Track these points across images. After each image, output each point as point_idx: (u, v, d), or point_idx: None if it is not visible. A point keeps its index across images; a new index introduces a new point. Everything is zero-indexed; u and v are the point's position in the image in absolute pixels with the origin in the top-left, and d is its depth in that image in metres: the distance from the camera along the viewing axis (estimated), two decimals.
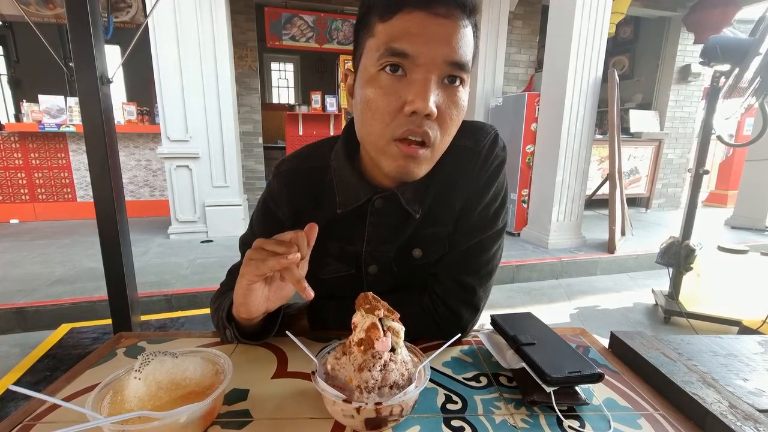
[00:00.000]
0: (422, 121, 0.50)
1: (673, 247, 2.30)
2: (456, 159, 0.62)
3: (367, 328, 0.44)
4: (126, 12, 4.02)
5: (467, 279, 0.63)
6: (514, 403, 0.49)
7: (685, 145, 5.30)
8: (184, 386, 0.44)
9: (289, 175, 0.67)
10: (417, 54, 0.49)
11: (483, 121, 0.65)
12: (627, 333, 0.62)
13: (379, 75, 0.51)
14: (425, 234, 0.63)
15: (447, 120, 0.52)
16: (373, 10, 0.51)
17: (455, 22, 0.49)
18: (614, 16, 3.69)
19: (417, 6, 0.49)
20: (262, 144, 4.76)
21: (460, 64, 0.50)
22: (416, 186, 0.61)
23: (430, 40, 0.49)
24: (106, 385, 0.43)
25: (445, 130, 0.53)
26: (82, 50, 1.14)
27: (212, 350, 0.50)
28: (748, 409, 0.45)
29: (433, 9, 0.48)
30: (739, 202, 4.32)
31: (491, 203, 0.63)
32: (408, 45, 0.49)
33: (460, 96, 0.52)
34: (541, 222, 3.44)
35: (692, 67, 4.92)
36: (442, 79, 0.50)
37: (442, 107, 0.51)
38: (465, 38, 0.50)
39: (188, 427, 0.41)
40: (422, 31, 0.49)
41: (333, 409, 0.44)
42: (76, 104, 3.86)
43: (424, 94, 0.48)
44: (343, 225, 0.64)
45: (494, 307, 2.55)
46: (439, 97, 0.50)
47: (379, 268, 0.65)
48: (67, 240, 3.48)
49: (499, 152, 0.63)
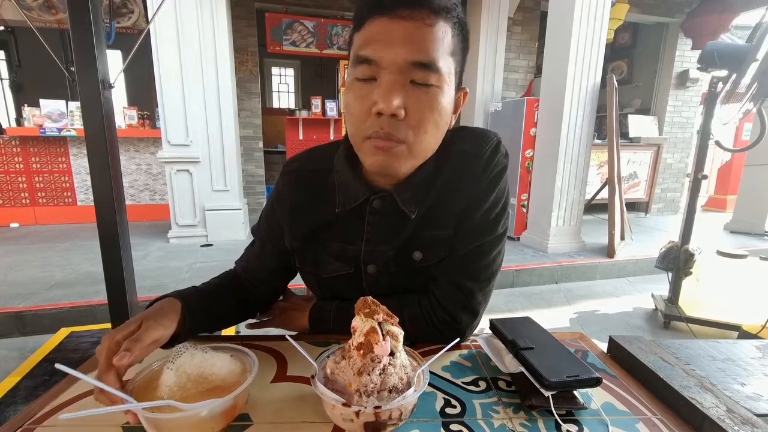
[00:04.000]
0: (388, 122, 0.52)
1: (672, 251, 2.30)
2: (458, 164, 0.63)
3: (367, 332, 0.44)
4: (128, 17, 4.04)
5: (466, 283, 0.63)
6: (513, 408, 0.49)
7: (684, 150, 5.32)
8: (211, 381, 0.45)
9: (294, 175, 0.69)
10: (379, 58, 0.51)
11: (484, 127, 0.66)
12: (625, 337, 0.63)
13: (354, 83, 0.54)
14: (426, 237, 0.64)
15: (419, 120, 0.53)
16: (353, 23, 0.55)
17: (419, 23, 0.50)
18: (612, 22, 3.71)
19: (380, 12, 0.50)
20: (262, 148, 4.77)
21: (424, 64, 0.50)
22: (414, 188, 0.61)
23: (392, 43, 0.50)
24: (143, 371, 0.47)
25: (418, 130, 0.54)
26: (83, 55, 1.14)
27: (243, 348, 0.51)
28: (746, 413, 0.45)
29: (396, 13, 0.50)
30: (738, 206, 4.32)
31: (492, 208, 0.63)
32: (371, 51, 0.51)
33: (434, 96, 0.53)
34: (541, 226, 3.45)
35: (690, 72, 4.94)
36: (408, 80, 0.51)
37: (411, 108, 0.52)
38: (432, 38, 0.50)
39: (210, 421, 0.43)
40: (384, 36, 0.50)
41: (332, 413, 0.45)
42: (77, 108, 3.88)
43: (387, 95, 0.50)
44: (343, 225, 0.65)
45: (493, 311, 2.54)
46: (408, 97, 0.51)
47: (377, 268, 0.65)
48: (66, 244, 3.48)
49: (501, 159, 0.63)
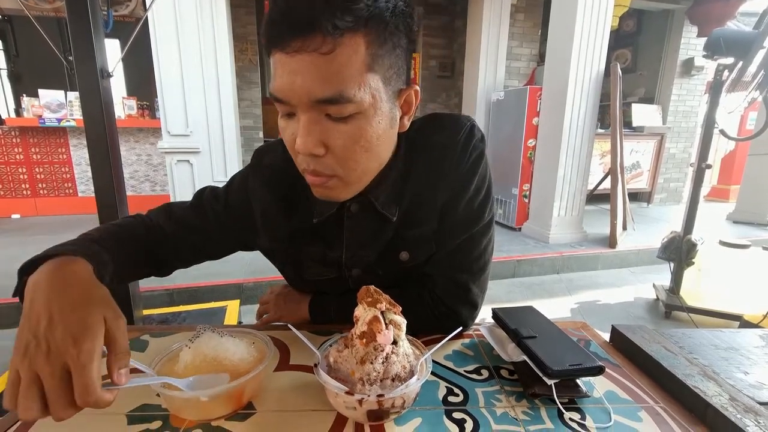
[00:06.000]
0: (312, 160, 0.49)
1: (674, 241, 2.29)
2: (431, 156, 0.60)
3: (369, 321, 0.44)
4: (125, 6, 3.99)
5: (461, 277, 0.62)
6: (516, 396, 0.49)
7: (688, 140, 5.27)
8: (224, 365, 0.46)
9: (268, 171, 0.65)
10: (287, 99, 0.46)
11: (459, 113, 0.62)
12: (628, 327, 0.63)
13: (281, 116, 0.51)
14: (410, 236, 0.62)
15: (343, 155, 0.49)
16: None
17: (314, 55, 0.43)
18: (618, 9, 3.65)
19: (275, 47, 0.45)
20: (262, 138, 4.75)
21: (329, 100, 0.45)
22: (389, 189, 0.59)
23: (293, 82, 0.44)
24: (170, 351, 0.49)
25: (345, 164, 0.50)
26: (82, 44, 1.13)
27: (266, 337, 0.51)
28: (749, 402, 0.45)
29: (289, 46, 0.43)
30: (742, 196, 4.31)
31: (475, 197, 0.61)
32: (277, 90, 0.46)
33: (357, 126, 0.48)
34: (543, 217, 3.44)
35: (695, 60, 4.87)
36: (322, 116, 0.47)
37: (332, 144, 0.48)
38: (334, 68, 0.43)
39: (212, 406, 0.44)
40: (285, 74, 0.45)
41: (335, 402, 0.45)
42: (76, 99, 3.85)
43: (302, 136, 0.47)
44: (322, 230, 0.63)
45: (494, 301, 2.55)
46: (327, 133, 0.47)
47: (362, 271, 0.64)
48: (68, 235, 3.41)
49: (476, 144, 0.60)
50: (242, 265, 2.69)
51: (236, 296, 2.46)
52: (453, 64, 4.97)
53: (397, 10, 0.46)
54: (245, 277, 2.54)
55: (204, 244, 0.68)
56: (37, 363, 0.34)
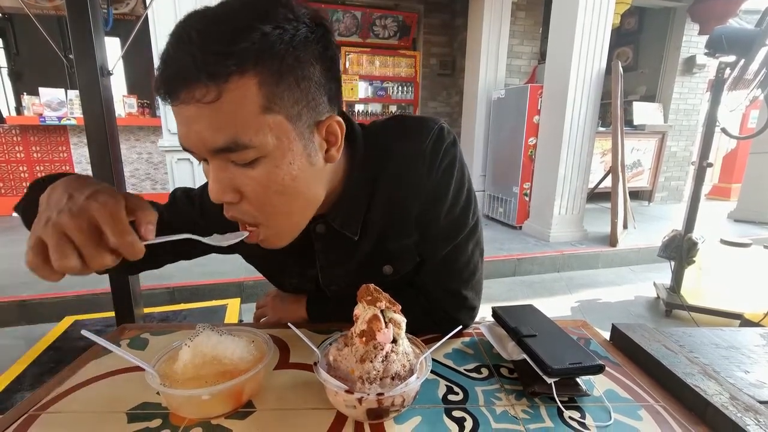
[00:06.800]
0: (228, 207, 0.47)
1: (675, 240, 2.29)
2: (398, 167, 0.56)
3: (369, 319, 0.44)
4: (126, 4, 3.98)
5: (454, 286, 0.62)
6: (515, 394, 0.49)
7: (689, 138, 5.26)
8: (224, 364, 0.46)
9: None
10: (188, 148, 0.44)
11: (429, 116, 0.58)
12: (628, 325, 0.62)
13: (199, 163, 0.49)
14: (391, 249, 0.60)
15: (257, 201, 0.46)
16: None
17: (199, 105, 0.40)
18: (619, 6, 3.64)
19: (163, 99, 0.42)
20: None
21: (224, 149, 0.42)
22: (349, 210, 0.57)
23: (188, 134, 0.43)
24: (170, 350, 0.49)
25: (263, 210, 0.47)
26: (81, 42, 1.13)
27: (265, 336, 0.51)
28: (749, 400, 0.45)
29: (176, 98, 0.41)
30: (743, 195, 4.30)
31: (454, 205, 0.58)
32: (180, 139, 0.45)
33: (265, 170, 0.44)
34: (543, 215, 3.43)
35: (697, 58, 4.86)
36: (228, 163, 0.44)
37: (244, 190, 0.45)
38: (221, 116, 0.40)
39: (212, 404, 0.44)
40: (180, 124, 0.43)
41: (335, 400, 0.45)
42: (76, 97, 3.85)
43: (210, 185, 0.45)
44: (296, 251, 0.58)
45: (494, 300, 2.55)
46: (236, 179, 0.45)
47: (340, 286, 0.64)
48: None
49: (447, 149, 0.56)
50: (243, 264, 2.68)
51: (237, 294, 2.46)
52: (453, 62, 4.97)
53: (296, 41, 0.41)
54: (246, 275, 2.54)
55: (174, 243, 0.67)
56: (63, 223, 0.35)
